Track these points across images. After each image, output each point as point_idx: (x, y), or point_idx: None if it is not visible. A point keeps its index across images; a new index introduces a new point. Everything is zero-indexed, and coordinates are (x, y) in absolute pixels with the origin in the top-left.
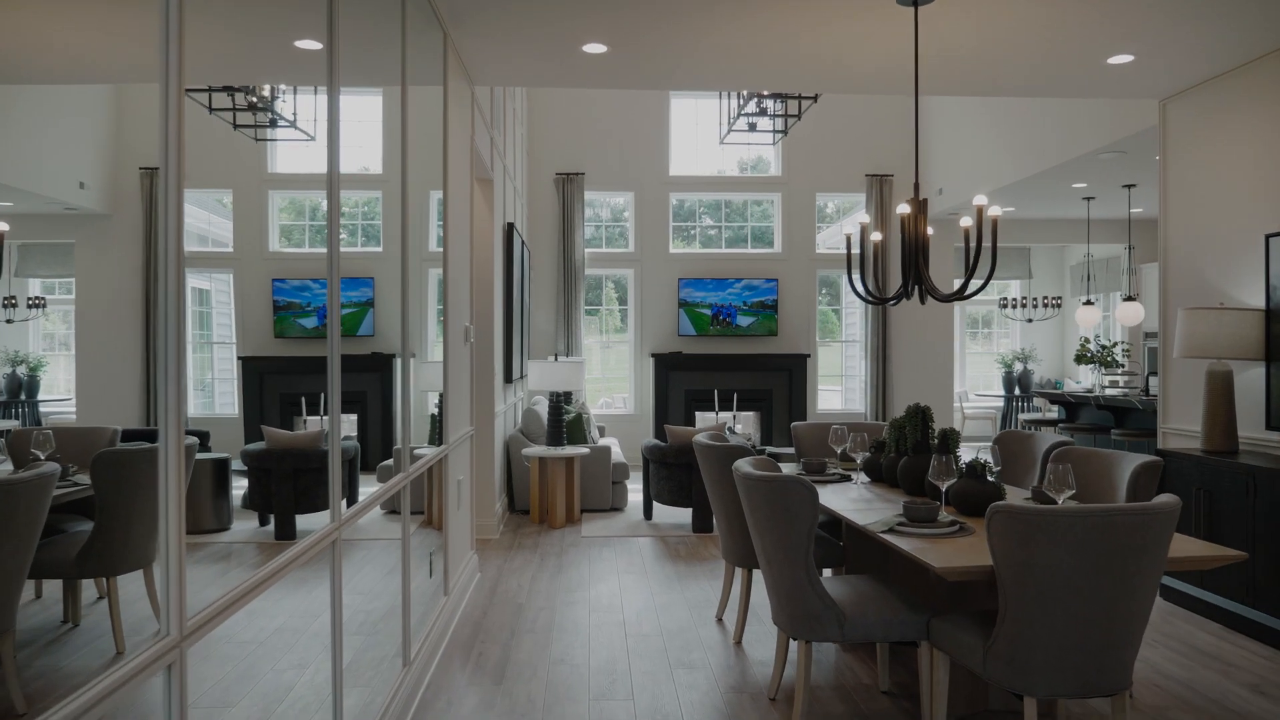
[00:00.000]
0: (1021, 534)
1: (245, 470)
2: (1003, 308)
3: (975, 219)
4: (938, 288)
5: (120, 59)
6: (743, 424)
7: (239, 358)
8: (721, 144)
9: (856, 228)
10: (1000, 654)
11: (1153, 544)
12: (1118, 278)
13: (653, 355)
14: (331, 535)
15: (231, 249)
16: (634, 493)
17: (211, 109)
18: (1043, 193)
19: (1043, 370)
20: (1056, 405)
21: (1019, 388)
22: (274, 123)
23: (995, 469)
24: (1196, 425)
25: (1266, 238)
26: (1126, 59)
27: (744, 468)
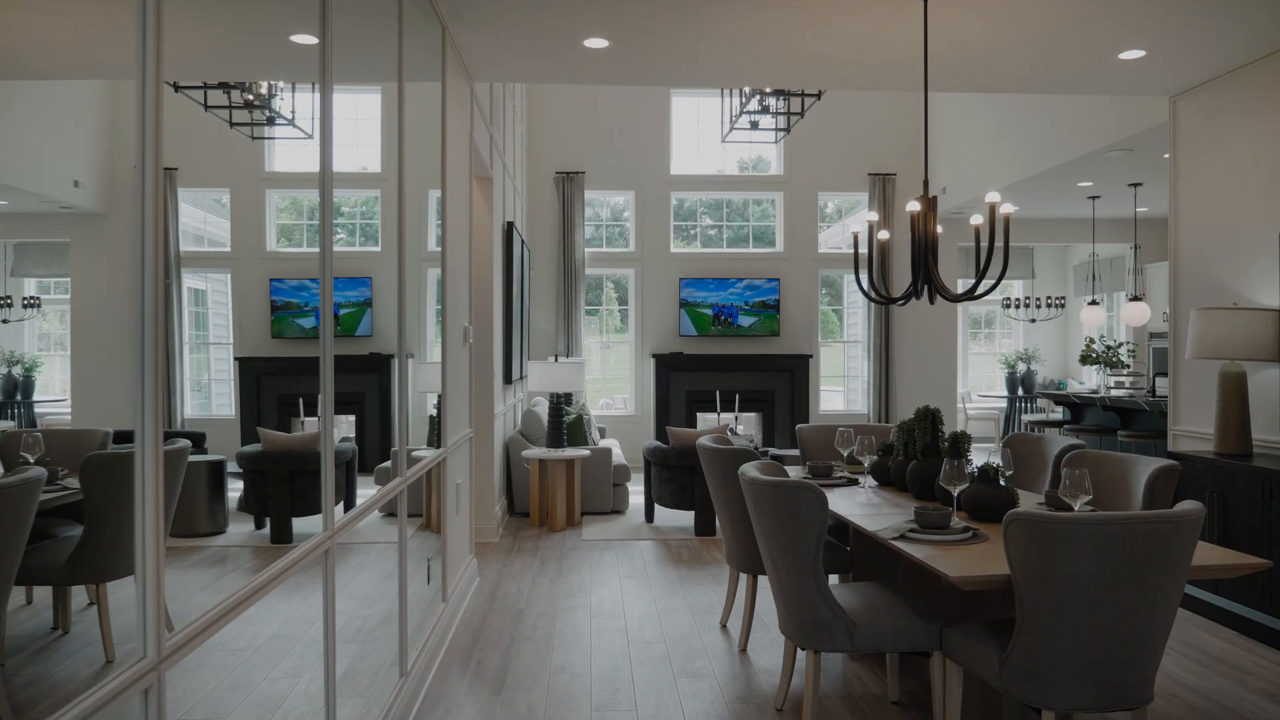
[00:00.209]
0: (1041, 543)
1: (241, 473)
2: (1005, 308)
3: (988, 216)
4: (948, 287)
5: (111, 54)
6: (744, 425)
7: (236, 358)
8: (723, 142)
9: (864, 226)
10: (1017, 666)
11: (1176, 553)
12: (1122, 277)
13: (654, 356)
14: (324, 544)
15: (229, 249)
16: (635, 495)
17: (207, 106)
18: (1047, 191)
19: (1045, 371)
20: (1061, 406)
21: (1022, 388)
22: (271, 120)
23: (1007, 473)
24: (1207, 427)
25: None
26: (1138, 54)
27: (751, 472)
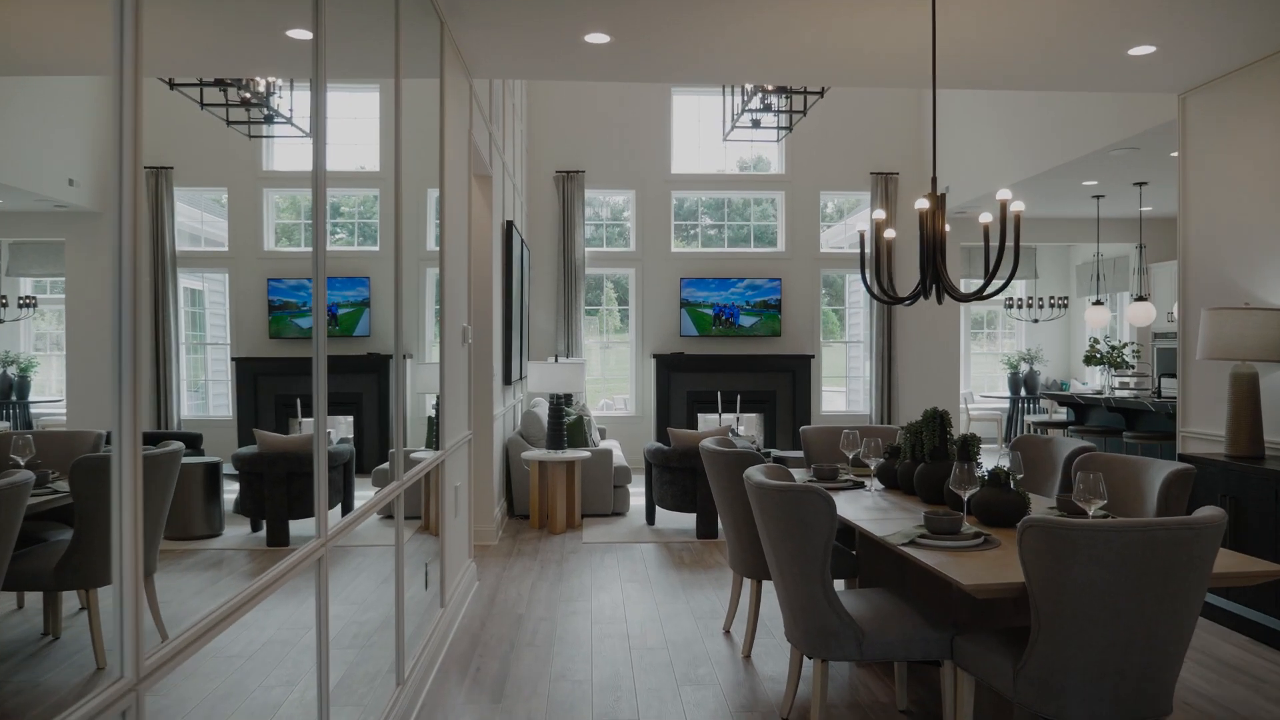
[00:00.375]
0: (1057, 550)
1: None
2: (1008, 308)
3: (999, 214)
4: (956, 286)
5: (97, 49)
6: (745, 426)
7: (233, 359)
8: (725, 141)
9: (870, 224)
10: (1032, 676)
11: (1197, 560)
12: (1126, 277)
13: (654, 356)
14: (317, 552)
15: (226, 248)
16: (636, 497)
17: (204, 104)
18: (1051, 191)
19: (1048, 371)
20: (1065, 407)
21: (1025, 389)
22: (269, 119)
23: (1018, 476)
24: (1217, 429)
25: None
26: (1148, 50)
27: (756, 476)
